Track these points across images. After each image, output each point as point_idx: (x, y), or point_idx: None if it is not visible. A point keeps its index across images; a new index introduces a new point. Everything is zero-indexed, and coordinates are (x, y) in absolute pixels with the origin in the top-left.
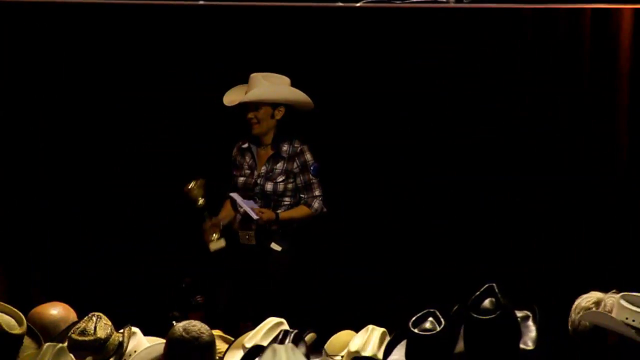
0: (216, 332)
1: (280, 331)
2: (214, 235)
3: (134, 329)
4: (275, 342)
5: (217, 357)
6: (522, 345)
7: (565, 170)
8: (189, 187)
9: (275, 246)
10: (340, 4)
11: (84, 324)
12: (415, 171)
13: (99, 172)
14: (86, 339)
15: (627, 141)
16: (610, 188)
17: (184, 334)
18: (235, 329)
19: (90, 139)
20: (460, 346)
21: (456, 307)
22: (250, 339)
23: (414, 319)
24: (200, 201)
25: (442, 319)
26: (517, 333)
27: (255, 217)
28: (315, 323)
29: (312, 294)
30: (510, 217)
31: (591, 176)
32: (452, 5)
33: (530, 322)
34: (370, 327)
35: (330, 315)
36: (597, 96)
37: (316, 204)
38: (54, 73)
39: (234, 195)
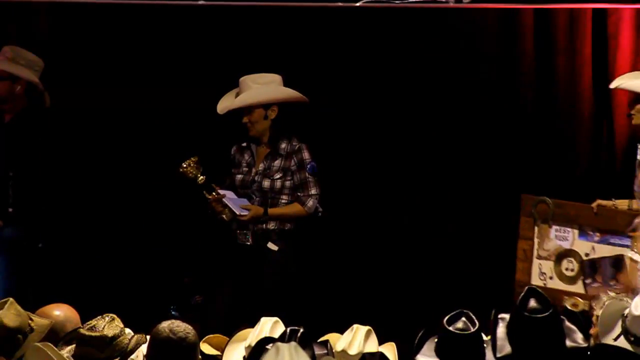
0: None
1: (287, 329)
2: (223, 208)
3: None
4: (281, 341)
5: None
6: (573, 344)
7: (565, 170)
8: (184, 166)
9: (272, 246)
10: (340, 3)
11: (95, 322)
12: (414, 171)
13: (99, 172)
14: (92, 334)
15: (627, 141)
16: (610, 188)
17: (170, 335)
18: (234, 330)
19: (89, 138)
20: (507, 349)
21: (494, 311)
22: (254, 339)
23: (447, 317)
24: (200, 178)
25: (475, 320)
26: (564, 331)
27: (237, 212)
28: (312, 323)
29: (309, 294)
30: (510, 217)
31: (591, 176)
32: (452, 5)
33: (567, 323)
34: (355, 326)
35: (328, 316)
36: (597, 96)
37: (310, 202)
38: (53, 73)
39: (222, 192)
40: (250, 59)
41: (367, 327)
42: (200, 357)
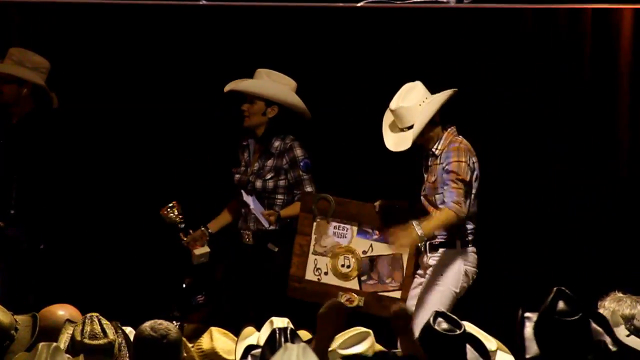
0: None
1: (275, 329)
2: (196, 248)
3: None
4: (272, 341)
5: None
6: (603, 346)
7: (565, 170)
8: (164, 212)
9: (272, 246)
10: (341, 4)
11: (89, 327)
12: (413, 171)
13: (99, 172)
14: (100, 342)
15: (628, 140)
16: (611, 187)
17: (151, 332)
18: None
19: (89, 138)
20: (534, 350)
21: (520, 310)
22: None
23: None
24: (179, 220)
25: (459, 321)
26: (592, 334)
27: (266, 225)
28: (312, 323)
29: None
30: (509, 218)
31: (591, 176)
32: (452, 5)
33: (594, 325)
34: (356, 328)
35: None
36: (597, 96)
37: None
38: (58, 74)
39: (247, 198)
40: (250, 59)
41: (365, 330)
42: (185, 355)
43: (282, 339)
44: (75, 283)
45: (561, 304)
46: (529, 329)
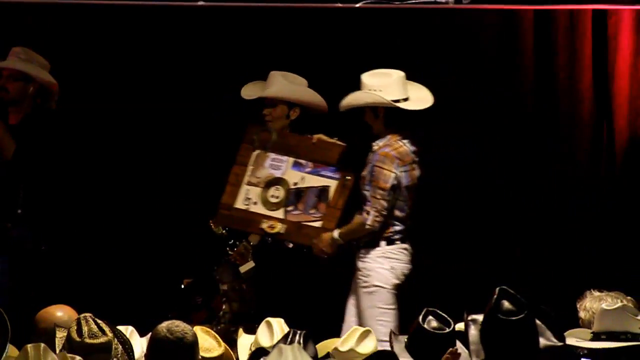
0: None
1: (289, 330)
2: (242, 264)
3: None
4: (284, 342)
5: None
6: (547, 342)
7: (565, 171)
8: (212, 223)
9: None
10: (340, 4)
11: (86, 327)
12: None
13: (99, 172)
14: (101, 340)
15: (627, 141)
16: (610, 187)
17: (168, 334)
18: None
19: (89, 138)
20: (482, 354)
21: (465, 312)
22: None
23: (421, 316)
24: (225, 234)
25: (448, 319)
26: (537, 332)
27: None
28: (314, 323)
29: (312, 294)
30: (508, 218)
31: (590, 176)
32: (452, 5)
33: (538, 322)
34: (354, 327)
35: (329, 316)
36: (597, 96)
37: None
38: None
39: None
40: (249, 61)
41: (366, 329)
42: (200, 357)
43: (296, 341)
44: (76, 284)
45: (506, 304)
46: (474, 332)
